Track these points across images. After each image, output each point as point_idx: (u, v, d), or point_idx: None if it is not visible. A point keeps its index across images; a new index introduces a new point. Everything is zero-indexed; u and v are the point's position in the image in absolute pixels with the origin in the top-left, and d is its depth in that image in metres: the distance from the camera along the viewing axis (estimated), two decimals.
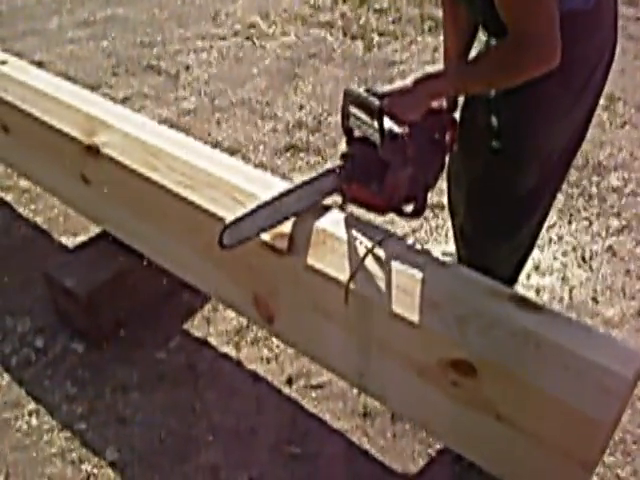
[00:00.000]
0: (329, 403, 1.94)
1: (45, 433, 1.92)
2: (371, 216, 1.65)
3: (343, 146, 1.57)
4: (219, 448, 1.84)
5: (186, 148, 1.90)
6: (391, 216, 1.65)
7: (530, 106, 1.52)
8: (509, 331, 1.30)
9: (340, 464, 1.80)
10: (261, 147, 3.19)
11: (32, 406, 1.99)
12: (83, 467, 1.82)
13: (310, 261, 1.53)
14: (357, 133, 1.54)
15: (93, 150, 1.99)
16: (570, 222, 2.66)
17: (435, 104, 1.55)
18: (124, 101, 3.61)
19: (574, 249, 2.51)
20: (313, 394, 1.98)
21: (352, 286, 1.47)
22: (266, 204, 1.50)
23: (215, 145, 3.20)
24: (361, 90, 1.47)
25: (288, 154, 3.14)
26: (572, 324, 1.34)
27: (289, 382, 2.01)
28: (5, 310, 2.29)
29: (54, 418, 1.95)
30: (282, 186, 1.72)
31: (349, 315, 1.51)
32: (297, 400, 1.96)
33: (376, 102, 1.42)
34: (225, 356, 2.10)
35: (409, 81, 1.47)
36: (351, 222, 1.58)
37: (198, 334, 2.19)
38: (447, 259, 1.51)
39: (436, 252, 1.46)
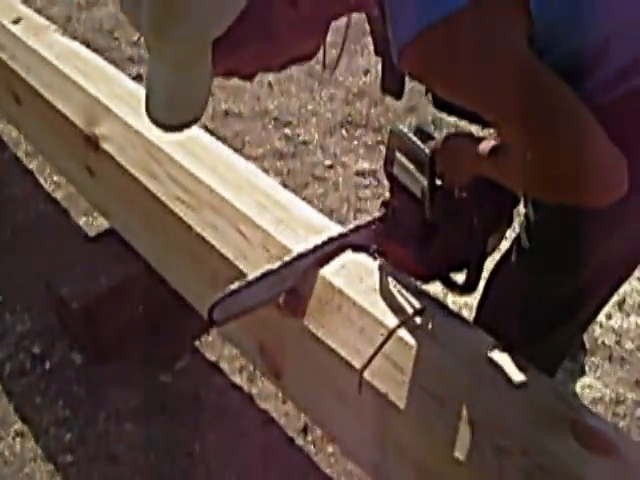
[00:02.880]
0: (347, 464, 1.64)
1: (27, 463, 1.70)
2: None
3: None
4: None
5: (191, 151, 1.57)
6: None
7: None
8: None
9: None
10: (313, 120, 2.81)
11: (18, 426, 1.78)
12: None
13: (319, 333, 1.20)
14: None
15: (92, 142, 1.69)
16: None
17: None
18: None
19: None
20: (330, 449, 1.67)
21: (367, 376, 1.14)
22: (272, 272, 1.18)
23: (262, 115, 2.85)
24: (410, 132, 1.09)
25: (343, 130, 2.75)
26: None
27: (304, 430, 1.71)
28: (6, 305, 2.07)
29: (39, 445, 1.73)
30: (308, 217, 1.38)
31: (363, 404, 1.18)
32: (310, 455, 1.67)
33: (426, 151, 1.04)
34: (236, 387, 1.82)
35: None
36: (380, 280, 1.23)
37: (210, 355, 1.90)
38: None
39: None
